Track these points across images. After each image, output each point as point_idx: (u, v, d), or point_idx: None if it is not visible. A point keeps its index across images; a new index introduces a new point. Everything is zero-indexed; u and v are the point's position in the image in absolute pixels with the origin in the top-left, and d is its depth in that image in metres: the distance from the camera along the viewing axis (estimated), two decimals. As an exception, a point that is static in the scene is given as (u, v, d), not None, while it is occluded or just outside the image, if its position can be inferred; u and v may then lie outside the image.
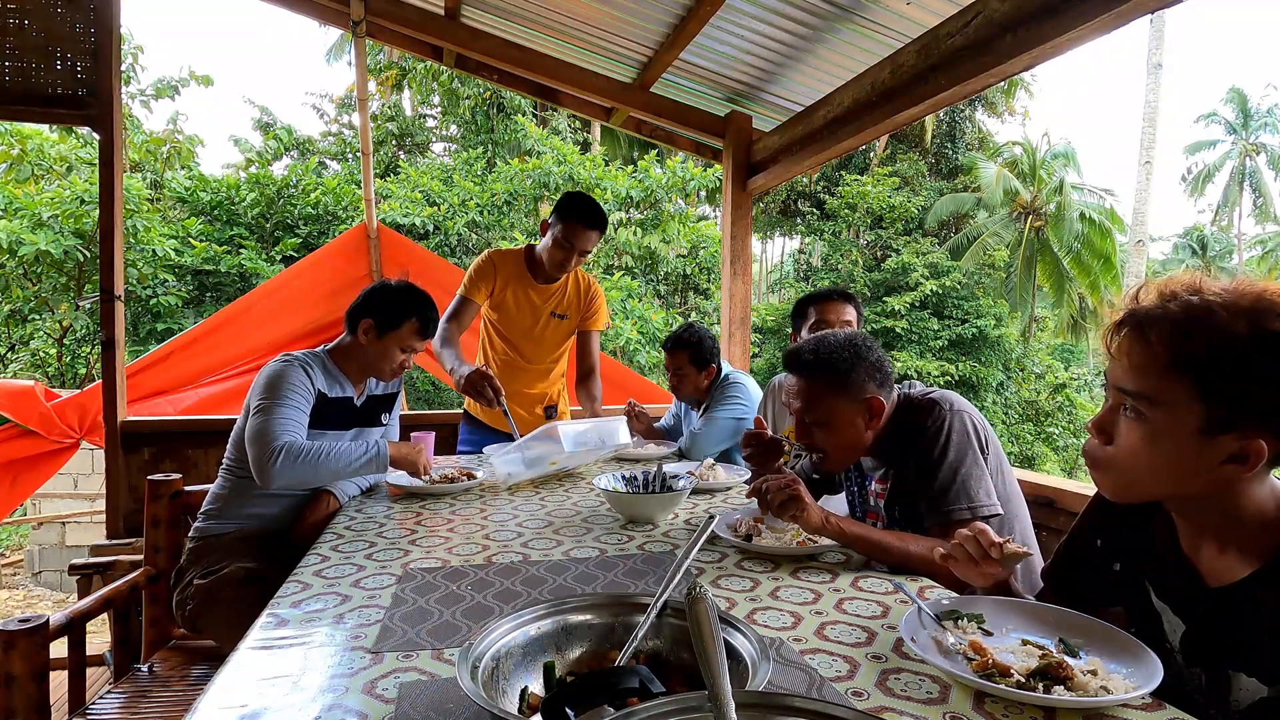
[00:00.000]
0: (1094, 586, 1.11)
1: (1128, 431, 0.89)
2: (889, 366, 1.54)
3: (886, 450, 1.56)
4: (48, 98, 2.85)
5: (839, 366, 1.49)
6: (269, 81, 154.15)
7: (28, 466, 3.52)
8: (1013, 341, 16.63)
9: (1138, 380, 0.87)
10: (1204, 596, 0.93)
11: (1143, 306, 0.89)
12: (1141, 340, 0.86)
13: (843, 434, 1.51)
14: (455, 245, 11.24)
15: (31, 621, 1.36)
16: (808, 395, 1.52)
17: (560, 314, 2.75)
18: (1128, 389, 0.88)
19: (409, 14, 3.68)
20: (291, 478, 1.71)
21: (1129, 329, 0.88)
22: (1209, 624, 0.93)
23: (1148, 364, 0.85)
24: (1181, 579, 0.96)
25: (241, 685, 0.88)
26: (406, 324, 1.95)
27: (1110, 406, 0.92)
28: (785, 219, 19.82)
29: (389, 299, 1.97)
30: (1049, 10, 1.92)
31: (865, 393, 1.49)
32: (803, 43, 3.14)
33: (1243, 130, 26.37)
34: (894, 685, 0.88)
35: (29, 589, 6.53)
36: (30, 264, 7.74)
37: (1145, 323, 0.87)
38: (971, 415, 1.47)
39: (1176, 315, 0.85)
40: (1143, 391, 0.86)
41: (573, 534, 1.56)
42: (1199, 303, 0.85)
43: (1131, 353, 0.87)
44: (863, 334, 1.56)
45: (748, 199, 3.90)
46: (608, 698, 0.70)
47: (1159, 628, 0.99)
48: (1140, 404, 0.87)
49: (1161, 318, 0.86)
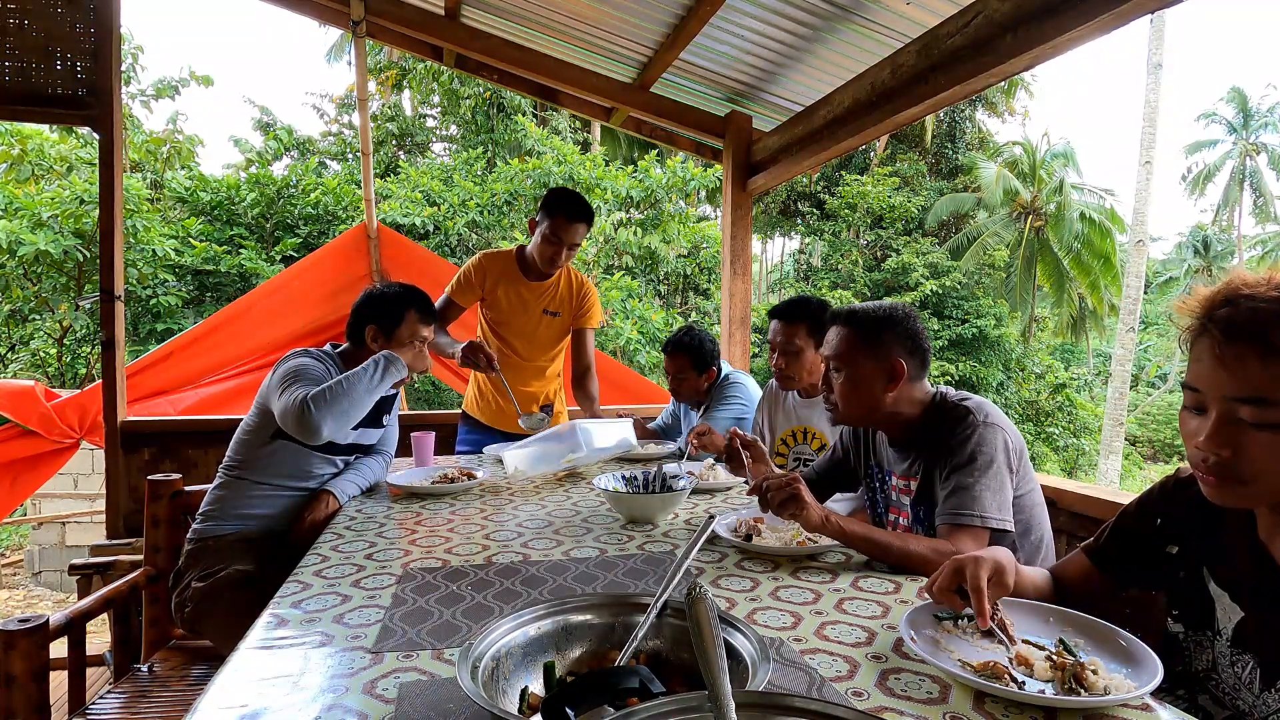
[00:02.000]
0: (1142, 566, 1.11)
1: (1258, 439, 0.85)
2: (925, 343, 1.57)
3: (913, 446, 1.56)
4: (48, 98, 2.85)
5: (869, 323, 1.54)
6: (269, 81, 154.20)
7: (28, 466, 3.52)
8: (1013, 341, 16.64)
9: (1257, 384, 0.83)
10: (1277, 579, 0.93)
11: (1231, 309, 0.86)
12: (1260, 343, 0.84)
13: (858, 388, 1.54)
14: (455, 245, 11.24)
15: (31, 621, 1.36)
16: (838, 341, 1.58)
17: (553, 311, 2.76)
18: (1247, 395, 0.84)
19: (409, 14, 3.68)
20: (336, 420, 1.76)
21: (1243, 338, 0.84)
22: (1275, 608, 0.93)
23: (1276, 366, 0.82)
24: (1254, 566, 0.96)
25: (241, 685, 0.88)
26: (407, 316, 2.01)
27: (1222, 419, 0.87)
28: (785, 219, 19.82)
29: (382, 301, 2.04)
30: (1049, 10, 1.91)
31: (890, 356, 1.51)
32: (803, 43, 3.14)
33: (1243, 130, 26.37)
34: (894, 685, 0.88)
35: (29, 589, 6.53)
36: (30, 264, 7.73)
37: (1247, 324, 0.84)
38: (1006, 432, 1.46)
39: (1276, 309, 0.83)
40: (1266, 395, 0.83)
41: (573, 534, 1.56)
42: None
43: (1252, 359, 0.84)
44: (907, 305, 1.60)
45: (748, 199, 3.90)
46: (608, 698, 0.70)
47: (1210, 614, 1.00)
48: (1266, 409, 0.83)
49: (1264, 314, 0.83)
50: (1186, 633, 1.04)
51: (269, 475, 1.86)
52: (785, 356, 2.33)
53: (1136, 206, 13.87)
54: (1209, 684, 1.00)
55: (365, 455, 2.08)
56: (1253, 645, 0.94)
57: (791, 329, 2.31)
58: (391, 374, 1.90)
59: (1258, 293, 0.86)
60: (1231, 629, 0.97)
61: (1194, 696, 1.02)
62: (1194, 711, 0.98)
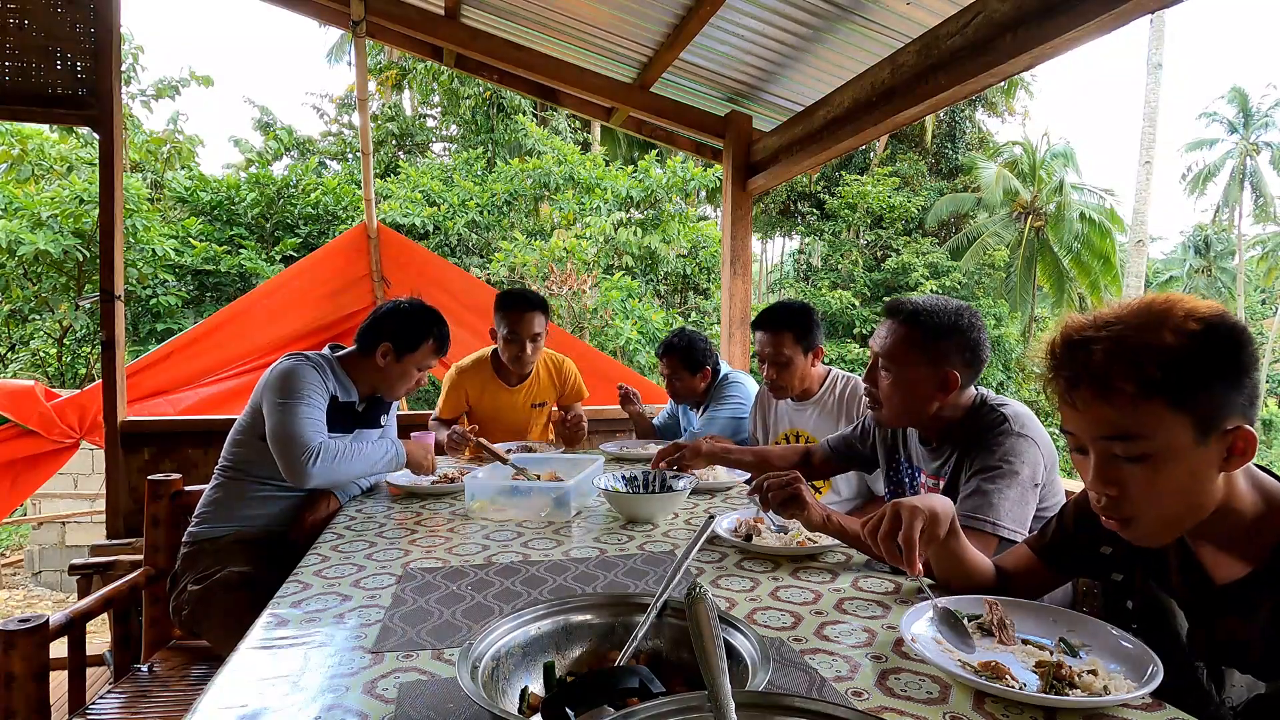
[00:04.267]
0: (1079, 562, 1.15)
1: (1135, 474, 0.88)
2: (984, 353, 1.50)
3: (946, 446, 1.54)
4: (48, 98, 2.84)
5: (932, 328, 1.46)
6: (269, 82, 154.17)
7: (28, 466, 3.52)
8: (1013, 341, 16.64)
9: (1118, 422, 0.87)
10: (1210, 593, 0.94)
11: (1075, 357, 0.90)
12: (1099, 384, 0.87)
13: (907, 392, 1.48)
14: (455, 245, 11.25)
15: (31, 621, 1.36)
16: (893, 340, 1.50)
17: (539, 403, 2.84)
18: (1111, 434, 0.88)
19: (409, 14, 3.68)
20: (325, 479, 1.77)
21: (1084, 383, 0.89)
22: (1212, 620, 0.94)
23: (1119, 403, 0.86)
24: (1188, 575, 0.97)
25: (241, 685, 0.88)
26: (424, 345, 1.98)
27: (1100, 459, 0.91)
28: (785, 219, 19.82)
29: (405, 321, 1.97)
30: (1049, 10, 1.91)
31: (947, 363, 1.46)
32: (803, 43, 3.14)
33: (1243, 129, 26.36)
34: (894, 685, 0.88)
35: (29, 589, 6.52)
36: (30, 264, 7.74)
37: (1097, 369, 0.87)
38: (1039, 446, 1.43)
39: (1114, 349, 0.86)
40: (1129, 431, 0.87)
41: (573, 534, 1.56)
42: (1117, 333, 0.87)
43: (1096, 401, 0.88)
44: (973, 311, 1.51)
45: (748, 199, 3.90)
46: (608, 698, 0.70)
47: (1166, 617, 1.00)
48: (1133, 444, 0.87)
49: (1105, 357, 0.86)
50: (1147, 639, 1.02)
51: (266, 475, 1.85)
52: (775, 367, 2.28)
53: (1136, 206, 13.89)
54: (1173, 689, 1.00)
55: None
56: (1202, 654, 0.95)
57: (778, 338, 2.26)
58: (393, 468, 1.96)
59: (1085, 335, 0.89)
60: (1185, 635, 0.97)
61: None
62: None
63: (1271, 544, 0.89)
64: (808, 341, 2.27)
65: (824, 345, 2.33)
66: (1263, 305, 29.06)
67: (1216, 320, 0.85)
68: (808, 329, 2.26)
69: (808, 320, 2.26)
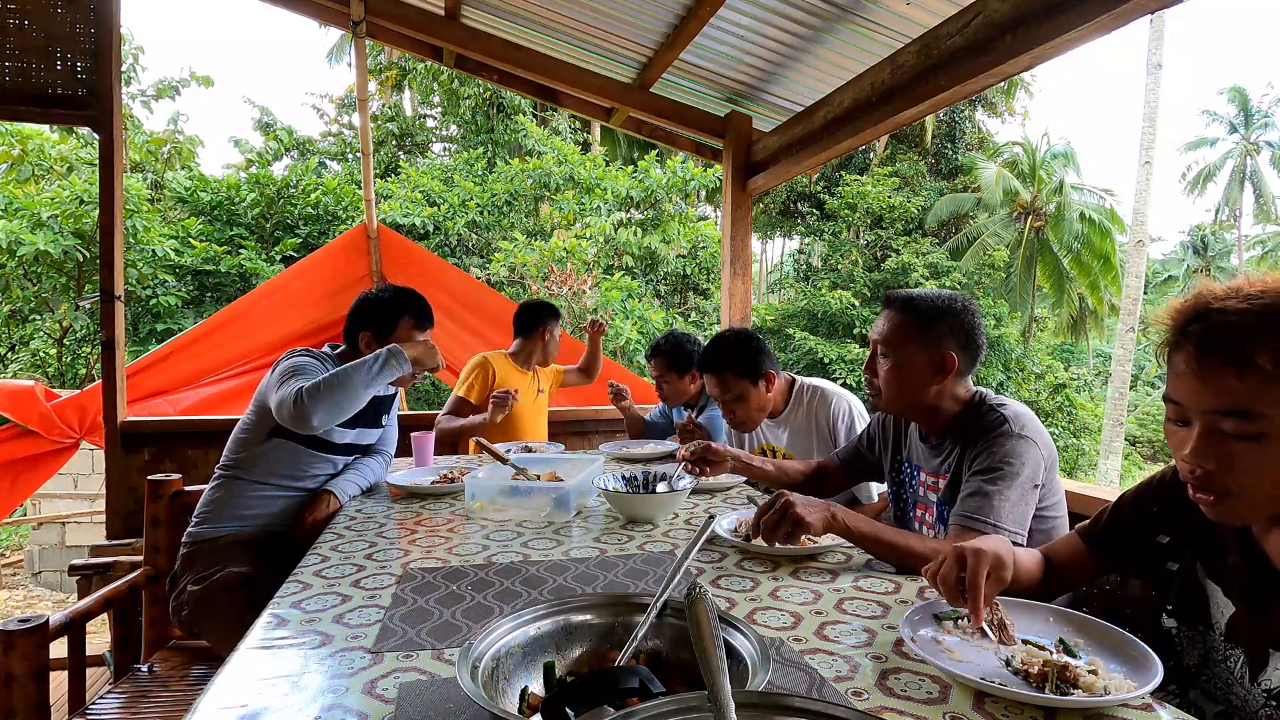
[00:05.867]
0: (1133, 552, 1.12)
1: (1242, 452, 0.85)
2: (980, 338, 1.53)
3: (946, 444, 1.54)
4: (48, 98, 2.85)
5: (926, 311, 1.50)
6: (269, 82, 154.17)
7: (28, 466, 3.52)
8: (1013, 341, 16.63)
9: (1238, 397, 0.84)
10: (1269, 577, 0.93)
11: (1205, 322, 0.86)
12: (1238, 357, 0.84)
13: (905, 377, 1.51)
14: (455, 245, 11.25)
15: (31, 621, 1.36)
16: (890, 326, 1.54)
17: (542, 389, 3.27)
18: (1228, 408, 0.85)
19: (409, 14, 3.68)
20: (328, 410, 1.71)
21: (1219, 351, 0.85)
22: (1266, 605, 0.93)
23: (1252, 379, 0.83)
24: (1246, 561, 0.96)
25: (241, 685, 0.88)
26: (401, 323, 1.99)
27: (1205, 431, 0.87)
28: (785, 219, 19.81)
29: (377, 306, 2.01)
30: (1049, 10, 1.91)
31: (942, 346, 1.48)
32: (803, 43, 3.14)
33: (1244, 129, 26.35)
34: (894, 685, 0.88)
35: (29, 589, 6.52)
36: (30, 264, 7.74)
37: (1236, 338, 0.84)
38: (1039, 446, 1.43)
39: (1258, 323, 0.83)
40: (1248, 408, 0.83)
41: (573, 534, 1.56)
42: (1263, 307, 0.83)
43: (1229, 372, 0.84)
44: (968, 298, 1.55)
45: (748, 199, 3.90)
46: (608, 698, 0.70)
47: (1203, 607, 1.00)
48: (1247, 422, 0.84)
49: (1250, 329, 0.83)
50: (1179, 628, 1.04)
51: (266, 475, 1.85)
52: (728, 407, 2.21)
53: (1136, 206, 13.88)
54: (1200, 679, 1.00)
55: (364, 455, 2.08)
56: (1243, 639, 0.95)
57: (720, 379, 2.18)
58: (392, 368, 1.82)
59: (1228, 305, 0.86)
60: (1225, 623, 0.97)
61: (1185, 691, 1.02)
62: (1185, 707, 0.99)
63: None
64: (753, 371, 2.16)
65: (775, 368, 2.20)
66: (1263, 305, 28.99)
67: None
68: (747, 358, 2.15)
69: (745, 350, 2.16)
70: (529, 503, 1.69)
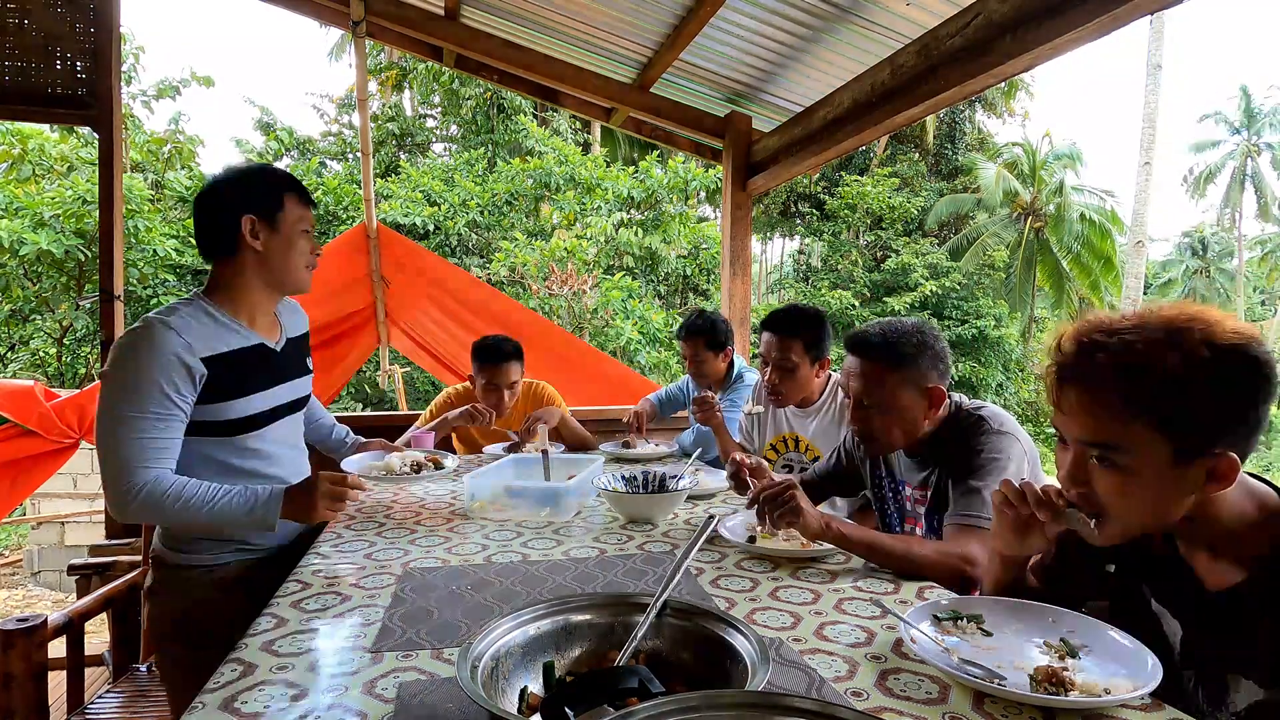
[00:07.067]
0: (1086, 584, 1.12)
1: (1104, 479, 0.89)
2: (948, 356, 1.53)
3: (929, 456, 1.54)
4: (48, 98, 2.85)
5: (905, 351, 1.47)
6: (269, 82, 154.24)
7: (27, 466, 3.51)
8: (1012, 342, 16.64)
9: (1099, 431, 0.88)
10: (1203, 601, 0.93)
11: (1074, 357, 0.90)
12: (1090, 392, 0.88)
13: (901, 421, 1.49)
14: (455, 245, 11.25)
15: (30, 621, 1.36)
16: (869, 378, 1.49)
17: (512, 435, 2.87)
18: (1091, 440, 0.89)
19: (409, 14, 3.68)
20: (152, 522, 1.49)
21: (1073, 383, 0.89)
22: (1208, 627, 0.93)
23: (1104, 414, 0.86)
24: (1181, 583, 0.96)
25: (241, 685, 0.88)
26: (288, 199, 1.54)
27: (1076, 458, 0.92)
28: (785, 219, 19.82)
29: (245, 184, 1.52)
30: (1049, 10, 1.91)
31: (928, 381, 1.47)
32: (802, 43, 3.14)
33: (1246, 130, 26.35)
34: (894, 685, 0.88)
35: (28, 589, 6.52)
36: (31, 264, 7.74)
37: (1087, 375, 0.88)
38: (1020, 441, 1.44)
39: (1113, 361, 0.86)
40: (1108, 441, 0.87)
41: (573, 534, 1.56)
42: (1125, 344, 0.86)
43: (1083, 406, 0.88)
44: (929, 322, 1.55)
45: (748, 199, 3.90)
46: (608, 698, 0.70)
47: (1160, 630, 0.99)
48: (1109, 453, 0.88)
49: (1101, 366, 0.86)
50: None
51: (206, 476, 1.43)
52: (779, 372, 2.18)
53: (1136, 207, 13.90)
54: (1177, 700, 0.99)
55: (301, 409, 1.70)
56: (1196, 661, 0.94)
57: (787, 343, 2.16)
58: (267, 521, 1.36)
59: (1095, 338, 0.88)
60: (1179, 646, 0.97)
61: None
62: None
63: (1260, 553, 0.88)
64: (817, 351, 2.20)
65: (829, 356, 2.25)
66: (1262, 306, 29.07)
67: (1233, 348, 0.82)
68: (819, 338, 2.19)
69: (821, 329, 2.19)
70: (529, 503, 1.69)
